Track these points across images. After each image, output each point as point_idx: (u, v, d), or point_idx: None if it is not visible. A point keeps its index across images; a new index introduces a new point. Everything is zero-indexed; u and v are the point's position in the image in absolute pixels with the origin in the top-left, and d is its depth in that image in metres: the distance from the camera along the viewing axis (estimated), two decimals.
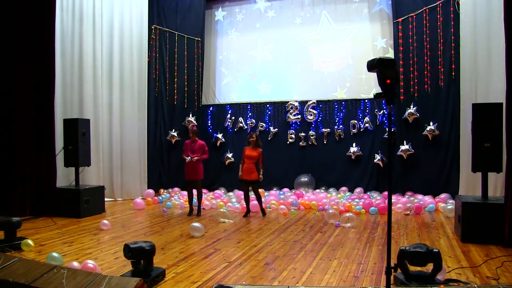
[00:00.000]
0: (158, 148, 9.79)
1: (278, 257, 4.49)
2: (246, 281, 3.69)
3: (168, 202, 7.89)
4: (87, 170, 7.80)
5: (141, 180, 9.13)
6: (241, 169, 6.88)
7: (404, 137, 8.37)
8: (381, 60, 2.65)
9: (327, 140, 9.16)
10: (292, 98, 9.43)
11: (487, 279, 3.66)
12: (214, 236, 5.49)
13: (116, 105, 8.80)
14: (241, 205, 7.39)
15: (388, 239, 2.72)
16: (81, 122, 7.25)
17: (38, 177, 7.02)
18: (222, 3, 10.10)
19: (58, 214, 6.83)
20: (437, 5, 8.10)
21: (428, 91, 8.25)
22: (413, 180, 8.36)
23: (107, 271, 3.96)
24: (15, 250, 4.67)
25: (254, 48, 9.81)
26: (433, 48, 8.18)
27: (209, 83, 10.14)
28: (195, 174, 6.98)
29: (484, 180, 5.16)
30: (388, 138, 2.75)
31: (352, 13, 9.12)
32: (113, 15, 8.76)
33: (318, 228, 5.94)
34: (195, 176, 6.98)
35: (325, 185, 8.92)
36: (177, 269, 4.06)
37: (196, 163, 6.98)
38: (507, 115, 4.82)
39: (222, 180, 9.74)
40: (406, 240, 5.15)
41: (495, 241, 4.76)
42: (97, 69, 8.52)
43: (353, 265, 4.13)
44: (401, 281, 3.30)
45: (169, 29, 9.86)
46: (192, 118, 9.80)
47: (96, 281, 2.97)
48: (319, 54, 9.32)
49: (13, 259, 3.35)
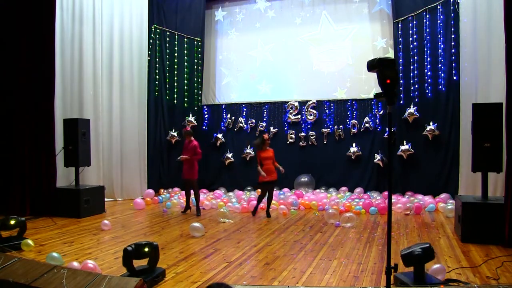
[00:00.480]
0: (158, 148, 9.79)
1: (278, 257, 4.48)
2: (246, 281, 3.69)
3: (168, 202, 7.89)
4: (87, 170, 7.80)
5: (141, 180, 9.13)
6: (261, 171, 6.75)
7: (404, 137, 8.38)
8: (381, 60, 2.65)
9: (327, 140, 9.17)
10: (292, 98, 9.44)
11: (487, 279, 3.66)
12: (214, 236, 5.49)
13: (116, 105, 8.80)
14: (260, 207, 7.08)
15: (388, 239, 2.73)
16: (81, 122, 7.25)
17: (38, 177, 7.02)
18: (222, 3, 10.10)
19: (58, 214, 6.82)
20: (437, 5, 8.11)
21: (428, 91, 8.25)
22: (413, 180, 8.36)
23: (107, 271, 3.96)
24: (15, 250, 4.67)
25: (254, 48, 9.81)
26: (433, 48, 8.18)
27: (209, 83, 10.14)
28: (187, 173, 7.09)
29: (484, 180, 5.15)
30: (388, 138, 2.75)
31: (352, 13, 9.12)
32: (113, 15, 8.76)
33: (318, 228, 5.94)
34: (187, 175, 7.09)
35: (325, 185, 8.92)
36: (177, 269, 4.06)
37: (189, 163, 7.06)
38: (507, 115, 4.82)
39: (222, 180, 9.74)
40: (406, 240, 5.15)
41: (495, 241, 4.76)
42: (97, 69, 8.52)
43: (353, 265, 4.13)
44: (401, 281, 3.30)
45: (169, 29, 9.87)
46: (192, 118, 9.80)
47: (96, 281, 2.97)
48: (319, 54, 9.32)
49: (13, 259, 3.35)
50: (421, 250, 3.27)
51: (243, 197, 8.26)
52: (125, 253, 3.51)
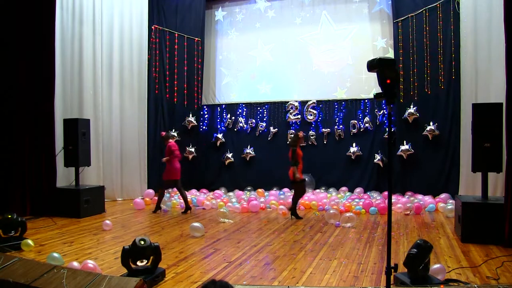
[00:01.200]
0: (158, 148, 9.77)
1: (278, 257, 4.49)
2: (246, 281, 3.69)
3: (168, 202, 7.89)
4: (87, 170, 7.80)
5: (141, 180, 9.13)
6: (300, 171, 6.79)
7: (404, 137, 8.37)
8: (381, 60, 2.65)
9: (327, 140, 9.17)
10: (292, 98, 9.43)
11: (487, 279, 3.66)
12: (214, 236, 5.49)
13: (116, 105, 8.80)
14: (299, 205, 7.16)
15: (388, 239, 2.73)
16: (81, 122, 7.25)
17: (38, 177, 7.02)
18: (222, 3, 10.09)
19: (58, 214, 6.83)
20: (437, 5, 8.11)
21: (428, 91, 8.25)
22: (413, 180, 8.36)
23: (107, 271, 3.96)
24: (15, 250, 4.67)
25: (254, 48, 9.81)
26: (433, 48, 8.18)
27: (209, 83, 10.14)
28: (166, 175, 7.22)
29: (484, 180, 5.15)
30: (388, 138, 2.75)
31: (352, 13, 9.12)
32: (113, 15, 8.76)
33: (318, 228, 5.94)
34: (165, 176, 7.23)
35: (325, 185, 8.91)
36: (177, 269, 4.06)
37: (168, 164, 7.18)
38: (507, 115, 4.82)
39: (222, 180, 9.73)
40: (406, 240, 5.15)
41: (495, 241, 4.76)
42: (97, 69, 8.52)
43: (353, 265, 4.13)
44: (401, 281, 3.30)
45: (169, 29, 9.86)
46: (192, 118, 9.80)
47: (96, 281, 2.97)
48: (319, 54, 9.32)
49: (13, 259, 3.35)
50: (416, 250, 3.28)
51: (243, 197, 8.26)
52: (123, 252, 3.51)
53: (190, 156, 9.72)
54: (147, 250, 3.59)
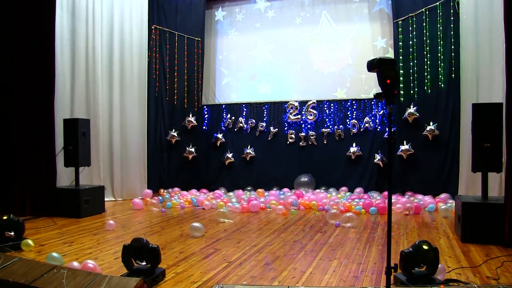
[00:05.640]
0: (158, 148, 9.78)
1: (278, 257, 4.48)
2: (246, 281, 3.69)
3: (168, 202, 7.90)
4: (87, 170, 7.80)
5: (141, 180, 9.12)
6: None
7: (404, 137, 8.37)
8: (381, 60, 2.64)
9: (327, 140, 9.17)
10: (292, 98, 9.43)
11: (487, 279, 3.66)
12: (214, 236, 5.49)
13: (116, 105, 8.79)
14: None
15: (388, 239, 2.72)
16: (81, 122, 7.24)
17: (38, 177, 7.01)
18: (222, 3, 10.09)
19: (58, 214, 6.82)
20: (437, 5, 8.11)
21: (428, 91, 8.25)
22: (413, 180, 8.35)
23: (107, 271, 3.96)
24: (15, 250, 4.67)
25: (254, 48, 9.81)
26: (433, 48, 8.18)
27: (209, 83, 10.14)
28: None
29: (484, 180, 5.15)
30: (388, 138, 2.75)
31: (352, 13, 9.12)
32: (113, 15, 8.75)
33: (318, 228, 5.94)
34: None
35: (325, 185, 8.91)
36: (177, 269, 4.06)
37: None
38: (507, 115, 4.82)
39: (222, 180, 9.73)
40: (406, 240, 5.15)
41: (495, 241, 4.75)
42: (97, 69, 8.51)
43: (353, 265, 4.13)
44: (401, 281, 3.30)
45: (169, 29, 9.86)
46: (192, 118, 9.80)
47: (96, 281, 2.97)
48: (319, 54, 9.32)
49: (13, 259, 3.35)
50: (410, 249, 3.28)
51: (243, 197, 8.25)
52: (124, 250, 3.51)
53: (190, 156, 9.72)
54: (145, 251, 3.60)
